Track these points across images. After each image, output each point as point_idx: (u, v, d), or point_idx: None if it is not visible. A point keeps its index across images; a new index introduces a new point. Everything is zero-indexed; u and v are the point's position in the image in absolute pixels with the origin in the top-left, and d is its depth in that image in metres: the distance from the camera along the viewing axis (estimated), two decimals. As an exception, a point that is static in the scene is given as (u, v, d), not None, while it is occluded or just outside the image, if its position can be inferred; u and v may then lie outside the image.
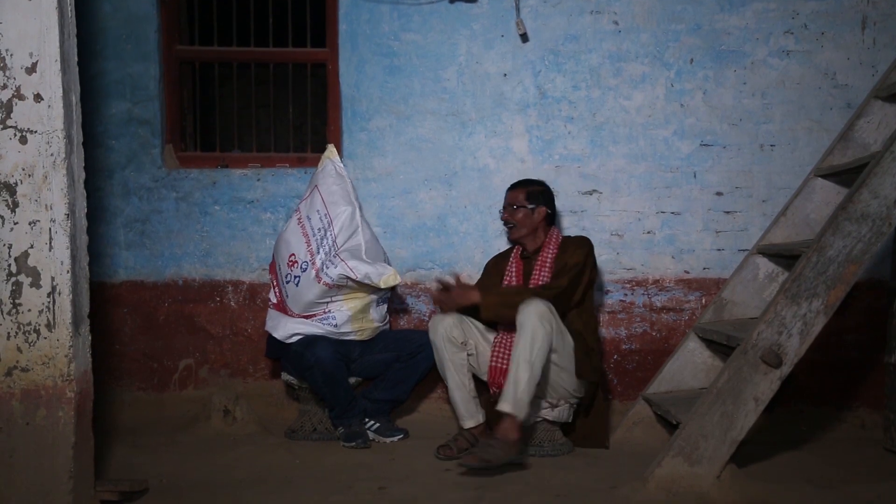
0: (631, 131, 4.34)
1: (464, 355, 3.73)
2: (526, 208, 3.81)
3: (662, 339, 4.34)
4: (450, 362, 3.71)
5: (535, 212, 3.81)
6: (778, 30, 4.30)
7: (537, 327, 3.40)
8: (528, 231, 3.83)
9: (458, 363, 3.73)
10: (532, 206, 3.81)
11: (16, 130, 2.67)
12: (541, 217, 3.82)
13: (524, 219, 3.82)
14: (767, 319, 3.12)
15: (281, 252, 3.89)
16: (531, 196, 3.82)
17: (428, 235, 4.31)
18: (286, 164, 4.41)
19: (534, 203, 3.81)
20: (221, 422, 4.00)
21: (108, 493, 2.90)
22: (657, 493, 3.05)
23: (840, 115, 4.25)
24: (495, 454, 3.34)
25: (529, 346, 3.40)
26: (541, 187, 3.88)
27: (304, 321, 3.84)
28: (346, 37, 4.31)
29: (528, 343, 3.40)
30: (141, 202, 4.32)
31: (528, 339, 3.40)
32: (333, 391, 3.78)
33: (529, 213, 3.81)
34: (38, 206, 2.69)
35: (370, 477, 3.34)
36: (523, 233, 3.83)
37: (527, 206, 3.81)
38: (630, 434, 3.86)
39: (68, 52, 2.75)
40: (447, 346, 3.70)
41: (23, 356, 2.69)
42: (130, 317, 4.33)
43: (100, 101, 4.26)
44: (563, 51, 4.31)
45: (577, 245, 3.75)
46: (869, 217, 3.11)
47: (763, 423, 3.64)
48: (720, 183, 4.34)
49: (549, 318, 3.44)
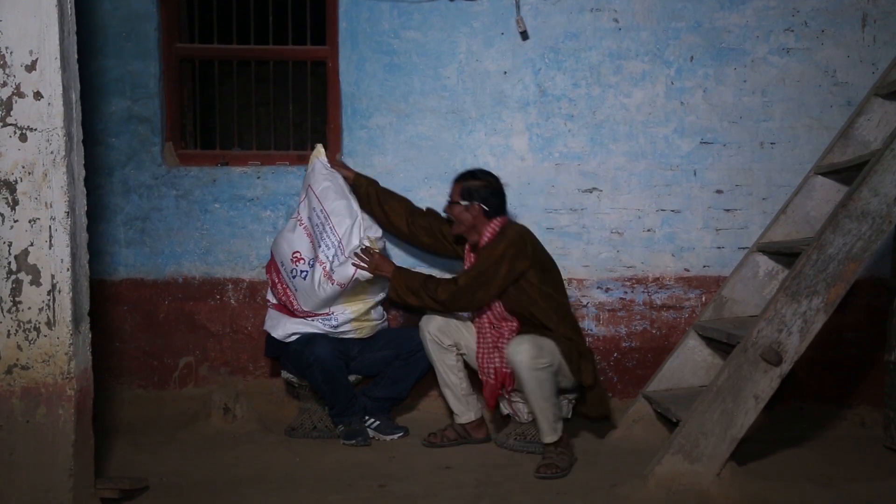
0: (631, 129, 4.33)
1: (452, 356, 3.83)
2: (460, 205, 3.73)
3: (662, 337, 4.34)
4: (439, 362, 3.84)
5: (468, 209, 3.71)
6: (778, 27, 4.30)
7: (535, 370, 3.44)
8: (465, 227, 3.75)
9: (448, 363, 3.84)
10: (466, 202, 3.71)
11: (16, 128, 2.67)
12: (476, 213, 3.71)
13: (459, 215, 3.74)
14: (767, 317, 3.12)
15: (282, 250, 3.88)
16: (465, 192, 3.72)
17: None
18: (286, 161, 4.41)
19: (467, 199, 3.71)
20: (221, 420, 4.00)
21: (109, 491, 2.90)
22: (657, 491, 3.05)
23: (840, 113, 4.25)
24: (567, 460, 3.44)
25: (538, 388, 3.46)
26: (478, 181, 3.74)
27: (303, 321, 3.84)
28: (346, 34, 4.30)
29: (535, 387, 3.46)
30: (141, 200, 4.32)
31: (533, 384, 3.46)
32: (333, 389, 3.78)
33: (464, 210, 3.72)
34: (38, 204, 2.69)
35: (370, 475, 3.34)
36: (461, 229, 3.77)
37: (460, 202, 3.73)
38: (630, 432, 3.86)
39: (68, 49, 2.75)
40: (434, 347, 3.82)
41: (23, 354, 2.69)
42: (130, 315, 4.33)
43: (100, 99, 4.26)
44: (563, 48, 4.31)
45: (498, 240, 3.65)
46: (869, 215, 3.11)
47: (763, 421, 3.64)
48: (720, 181, 4.33)
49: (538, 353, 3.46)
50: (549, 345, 3.56)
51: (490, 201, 3.72)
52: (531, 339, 3.51)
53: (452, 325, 3.83)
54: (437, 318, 3.81)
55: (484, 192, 3.72)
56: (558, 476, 3.32)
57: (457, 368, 3.83)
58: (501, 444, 3.78)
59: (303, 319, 3.84)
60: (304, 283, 3.79)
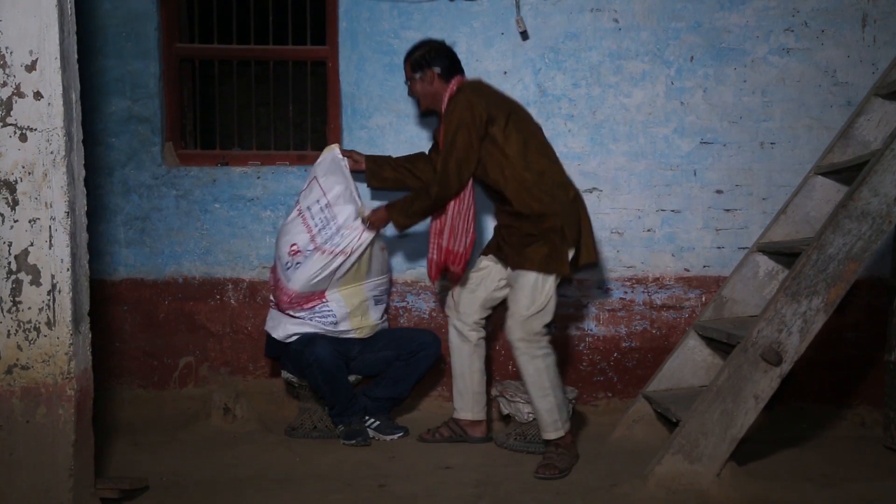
0: (631, 129, 4.33)
1: (468, 347, 3.77)
2: (415, 79, 3.67)
3: (662, 337, 4.35)
4: (456, 350, 3.83)
5: (424, 79, 3.65)
6: (778, 27, 4.30)
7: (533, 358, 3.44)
8: (430, 99, 3.68)
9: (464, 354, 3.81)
10: (418, 74, 3.65)
11: (16, 128, 2.67)
12: (433, 79, 3.64)
13: (421, 89, 3.68)
14: (767, 317, 3.12)
15: (281, 246, 3.86)
16: (415, 65, 3.65)
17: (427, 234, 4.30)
18: (286, 161, 4.41)
19: (419, 70, 3.64)
20: (221, 420, 4.00)
21: (109, 491, 2.90)
22: (657, 491, 3.05)
23: (840, 113, 4.25)
24: (567, 460, 3.43)
25: (537, 378, 3.46)
26: (421, 49, 3.68)
27: (301, 321, 3.84)
28: (346, 34, 4.30)
29: (535, 377, 3.46)
30: (141, 200, 4.32)
31: (532, 373, 3.45)
32: (333, 389, 3.78)
33: (421, 82, 3.66)
34: (38, 204, 2.69)
35: (370, 475, 3.34)
36: (427, 103, 3.71)
37: (414, 76, 3.67)
38: (630, 432, 3.86)
39: (68, 49, 2.75)
40: (453, 336, 3.83)
41: (23, 354, 2.69)
42: (130, 315, 4.33)
43: (100, 99, 4.26)
44: (563, 49, 4.31)
45: (451, 108, 3.52)
46: (869, 215, 3.11)
47: (763, 421, 3.64)
48: (720, 181, 4.34)
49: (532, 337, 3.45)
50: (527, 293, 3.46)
51: (439, 62, 3.64)
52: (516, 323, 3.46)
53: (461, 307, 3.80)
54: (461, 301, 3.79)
55: (430, 56, 3.64)
56: (557, 477, 3.32)
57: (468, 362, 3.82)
58: (501, 443, 3.78)
59: (302, 320, 3.84)
60: (296, 271, 3.78)
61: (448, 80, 3.64)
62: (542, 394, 3.46)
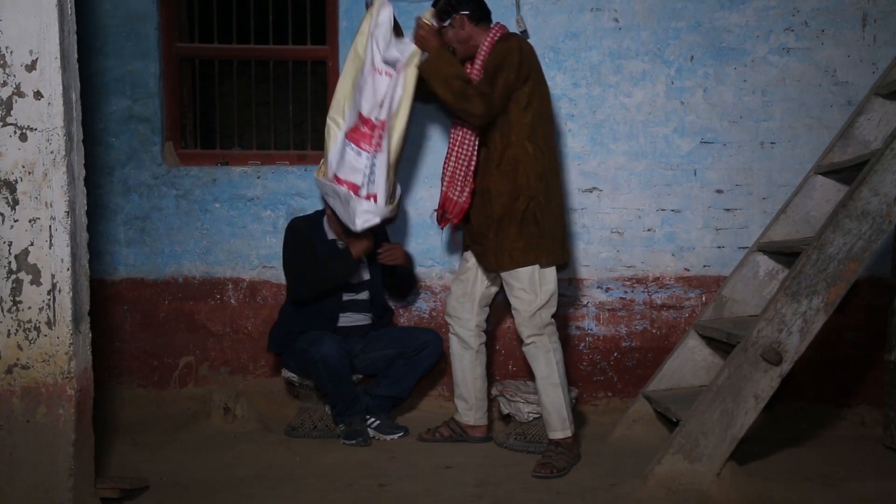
0: (631, 129, 4.33)
1: (470, 354, 3.78)
2: (445, 27, 3.51)
3: (662, 337, 4.34)
4: (458, 358, 3.82)
5: (454, 25, 3.50)
6: (778, 27, 4.30)
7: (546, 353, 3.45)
8: (465, 45, 3.54)
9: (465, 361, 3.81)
10: (448, 21, 3.50)
11: (16, 128, 2.67)
12: (463, 23, 3.49)
13: (453, 37, 3.52)
14: (768, 317, 3.12)
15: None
16: (442, 13, 3.51)
17: (428, 233, 4.31)
18: (286, 161, 4.41)
19: (448, 17, 3.50)
20: (222, 419, 4.00)
21: (109, 491, 2.90)
22: (657, 491, 3.05)
23: (840, 113, 4.25)
24: (566, 460, 3.42)
25: (549, 372, 3.46)
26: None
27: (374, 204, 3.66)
28: (346, 34, 4.29)
29: (546, 371, 3.46)
30: (141, 199, 4.32)
31: (545, 367, 3.46)
32: (337, 388, 3.78)
33: (451, 29, 3.51)
34: (38, 204, 2.69)
35: (370, 474, 3.34)
36: (463, 49, 3.56)
37: (444, 25, 3.51)
38: (630, 431, 3.86)
39: (68, 49, 2.75)
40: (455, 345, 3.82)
41: (23, 354, 2.69)
42: (131, 314, 4.33)
43: (100, 99, 4.26)
44: (563, 48, 4.31)
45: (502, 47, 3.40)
46: (869, 214, 3.11)
47: (763, 421, 3.64)
48: (720, 180, 4.33)
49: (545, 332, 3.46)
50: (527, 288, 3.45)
51: (466, 5, 3.50)
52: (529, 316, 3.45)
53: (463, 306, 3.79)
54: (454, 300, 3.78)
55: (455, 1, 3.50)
56: (555, 476, 3.31)
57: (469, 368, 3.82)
58: (502, 443, 3.78)
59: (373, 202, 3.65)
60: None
61: (479, 22, 3.51)
62: (553, 389, 3.45)
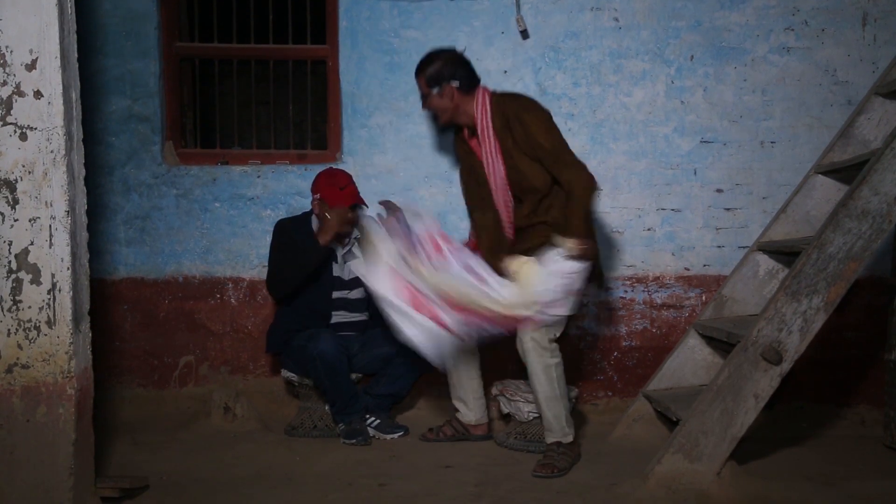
0: (631, 128, 4.33)
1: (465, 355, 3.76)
2: (432, 95, 3.54)
3: (663, 336, 4.35)
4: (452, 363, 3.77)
5: (442, 94, 3.52)
6: (778, 26, 4.30)
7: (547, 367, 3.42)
8: (450, 113, 3.57)
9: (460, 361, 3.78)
10: (436, 89, 3.52)
11: (16, 127, 2.67)
12: (452, 95, 3.51)
13: (438, 104, 3.55)
14: (768, 316, 3.12)
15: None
16: (430, 79, 3.52)
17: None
18: (286, 161, 4.41)
19: (436, 85, 3.51)
20: (221, 419, 4.00)
21: (109, 490, 2.90)
22: (657, 490, 3.05)
23: (840, 112, 4.25)
24: (567, 460, 3.41)
25: (548, 383, 3.43)
26: (436, 64, 3.53)
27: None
28: (346, 33, 4.30)
29: (544, 381, 3.43)
30: (141, 199, 4.32)
31: (542, 378, 3.42)
32: (335, 385, 3.78)
33: (439, 97, 3.53)
34: (38, 203, 2.68)
35: (370, 474, 3.34)
36: (447, 117, 3.59)
37: (432, 92, 3.54)
38: (630, 431, 3.86)
39: (68, 48, 2.75)
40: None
41: (23, 353, 2.69)
42: (131, 314, 4.33)
43: (100, 98, 4.26)
44: (563, 48, 4.31)
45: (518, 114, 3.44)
46: (869, 214, 3.11)
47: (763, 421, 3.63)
48: (720, 180, 4.33)
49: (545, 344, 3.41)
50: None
51: (459, 75, 3.53)
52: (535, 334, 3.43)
53: None
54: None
55: (449, 70, 3.51)
56: (555, 476, 3.31)
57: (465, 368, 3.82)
58: (502, 442, 3.78)
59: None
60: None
61: (468, 91, 3.54)
62: (552, 401, 3.44)
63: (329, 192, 3.83)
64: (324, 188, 3.85)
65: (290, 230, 3.92)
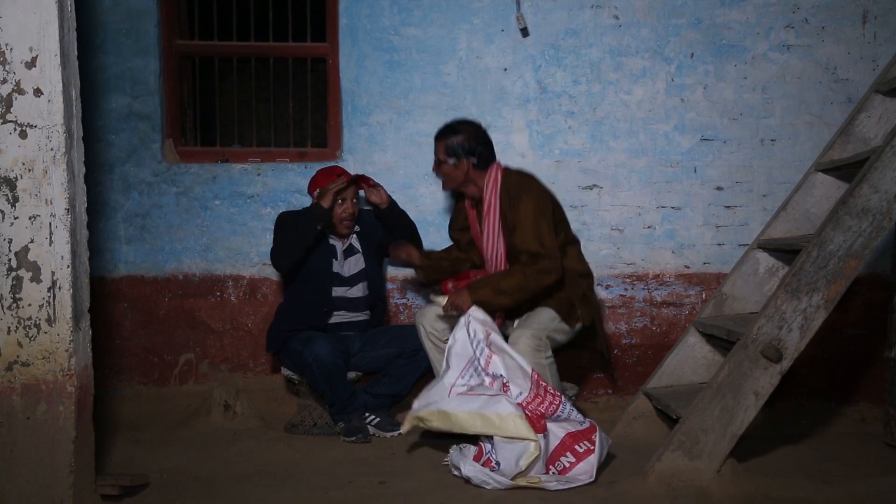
0: (631, 126, 4.33)
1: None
2: (447, 164, 3.65)
3: (662, 334, 4.35)
4: (434, 356, 3.79)
5: (457, 166, 3.63)
6: (778, 24, 4.30)
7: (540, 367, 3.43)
8: (457, 184, 3.68)
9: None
10: (453, 160, 3.62)
11: (16, 125, 2.67)
12: (465, 169, 3.62)
13: (449, 173, 3.66)
14: (768, 314, 3.12)
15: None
16: (449, 150, 3.62)
17: (428, 230, 4.30)
18: (286, 158, 4.41)
19: (454, 156, 3.62)
20: (222, 416, 4.00)
21: (109, 488, 2.90)
22: (657, 488, 3.05)
23: (840, 110, 4.25)
24: None
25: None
26: (459, 137, 3.62)
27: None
28: (346, 31, 4.30)
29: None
30: (141, 197, 4.32)
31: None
32: (332, 388, 3.78)
33: (453, 168, 3.64)
34: (38, 201, 2.68)
35: (370, 471, 3.34)
36: (453, 185, 3.70)
37: (447, 161, 3.64)
38: (630, 428, 3.86)
39: (68, 46, 2.75)
40: (430, 339, 3.78)
41: (23, 351, 2.69)
42: (131, 311, 4.33)
43: (100, 96, 4.26)
44: (563, 45, 4.31)
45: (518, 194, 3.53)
46: (869, 212, 3.11)
47: (763, 418, 3.64)
48: (720, 177, 4.33)
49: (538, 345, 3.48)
50: (545, 319, 3.54)
51: (478, 151, 3.62)
52: (531, 331, 3.50)
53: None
54: (431, 312, 3.77)
55: (470, 145, 3.62)
56: None
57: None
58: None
59: None
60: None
61: (483, 168, 3.63)
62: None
63: (325, 180, 3.93)
64: (322, 180, 3.93)
65: (291, 221, 3.94)
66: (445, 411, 3.20)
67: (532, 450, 3.04)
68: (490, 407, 3.12)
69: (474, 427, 3.13)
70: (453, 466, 3.24)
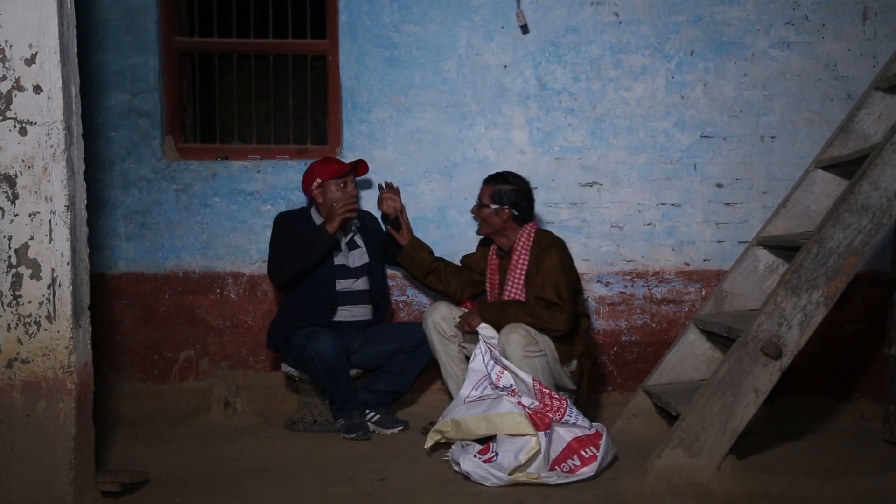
0: (631, 123, 4.33)
1: (454, 346, 3.82)
2: (489, 208, 3.77)
3: (662, 331, 4.35)
4: (441, 352, 3.84)
5: (498, 212, 3.77)
6: (778, 21, 4.29)
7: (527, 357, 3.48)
8: (493, 230, 3.81)
9: (449, 353, 3.85)
10: (496, 206, 3.76)
11: (15, 122, 2.67)
12: (505, 218, 3.77)
13: (488, 217, 3.79)
14: (767, 311, 3.12)
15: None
16: (495, 196, 3.77)
17: (428, 227, 4.31)
18: (286, 155, 4.41)
19: (497, 203, 3.76)
20: (222, 413, 4.00)
21: (109, 485, 2.90)
22: (657, 485, 3.05)
23: (841, 107, 4.25)
24: None
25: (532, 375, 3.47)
26: (510, 186, 3.78)
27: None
28: (346, 28, 4.30)
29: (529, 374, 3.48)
30: (141, 194, 4.32)
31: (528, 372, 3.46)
32: (334, 384, 3.78)
33: (493, 213, 3.78)
34: (38, 198, 2.68)
35: (371, 468, 3.34)
36: (488, 230, 3.83)
37: (490, 206, 3.77)
38: (630, 425, 3.86)
39: (68, 43, 2.74)
40: (436, 336, 3.82)
41: (23, 348, 2.69)
42: (131, 308, 4.33)
43: (99, 93, 4.25)
44: (563, 42, 4.30)
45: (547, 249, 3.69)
46: (869, 208, 3.11)
47: (763, 415, 3.64)
48: (720, 174, 4.33)
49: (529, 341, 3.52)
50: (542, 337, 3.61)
51: (520, 206, 3.78)
52: (524, 327, 3.53)
53: (456, 314, 3.81)
54: (441, 308, 3.82)
55: (515, 197, 3.77)
56: None
57: (458, 359, 3.84)
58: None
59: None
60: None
61: (521, 224, 3.79)
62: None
63: (323, 169, 3.96)
64: (319, 171, 3.97)
65: (289, 223, 3.94)
66: (457, 420, 3.33)
67: (532, 444, 3.09)
68: (492, 409, 3.26)
69: (480, 430, 3.26)
70: (454, 462, 3.26)
